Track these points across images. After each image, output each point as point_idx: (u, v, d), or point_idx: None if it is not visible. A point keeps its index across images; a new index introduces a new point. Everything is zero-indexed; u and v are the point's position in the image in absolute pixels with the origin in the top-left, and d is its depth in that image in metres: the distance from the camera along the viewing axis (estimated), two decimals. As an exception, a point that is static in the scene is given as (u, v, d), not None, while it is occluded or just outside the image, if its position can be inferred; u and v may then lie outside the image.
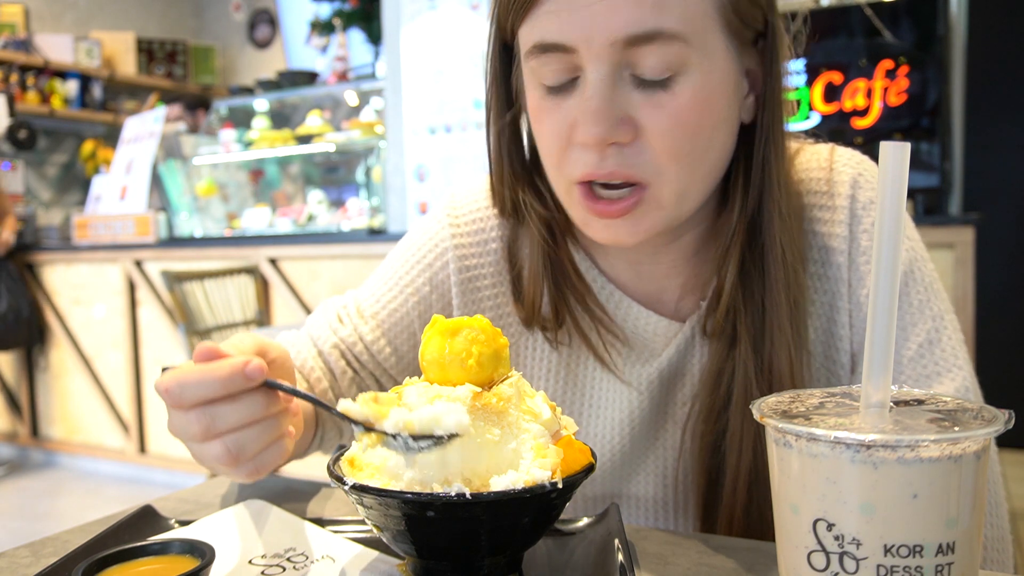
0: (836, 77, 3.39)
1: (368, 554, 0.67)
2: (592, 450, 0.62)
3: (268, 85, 4.89)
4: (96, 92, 6.48)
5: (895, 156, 0.45)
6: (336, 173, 5.17)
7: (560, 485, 0.55)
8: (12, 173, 5.68)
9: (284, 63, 6.63)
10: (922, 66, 3.29)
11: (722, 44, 0.75)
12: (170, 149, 4.73)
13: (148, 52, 7.02)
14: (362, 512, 0.59)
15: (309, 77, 4.87)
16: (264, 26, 7.35)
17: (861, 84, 3.35)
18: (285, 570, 0.64)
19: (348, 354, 0.94)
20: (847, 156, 0.89)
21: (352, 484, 0.56)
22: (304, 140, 4.53)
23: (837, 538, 0.43)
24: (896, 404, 0.47)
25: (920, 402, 0.48)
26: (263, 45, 7.38)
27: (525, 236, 0.93)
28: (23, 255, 4.71)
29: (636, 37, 0.70)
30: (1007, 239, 4.19)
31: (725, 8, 0.73)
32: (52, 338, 4.69)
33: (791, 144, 0.90)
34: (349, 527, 0.74)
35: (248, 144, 4.73)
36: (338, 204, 4.61)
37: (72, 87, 6.31)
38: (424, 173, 3.82)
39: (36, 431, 4.87)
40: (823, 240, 0.85)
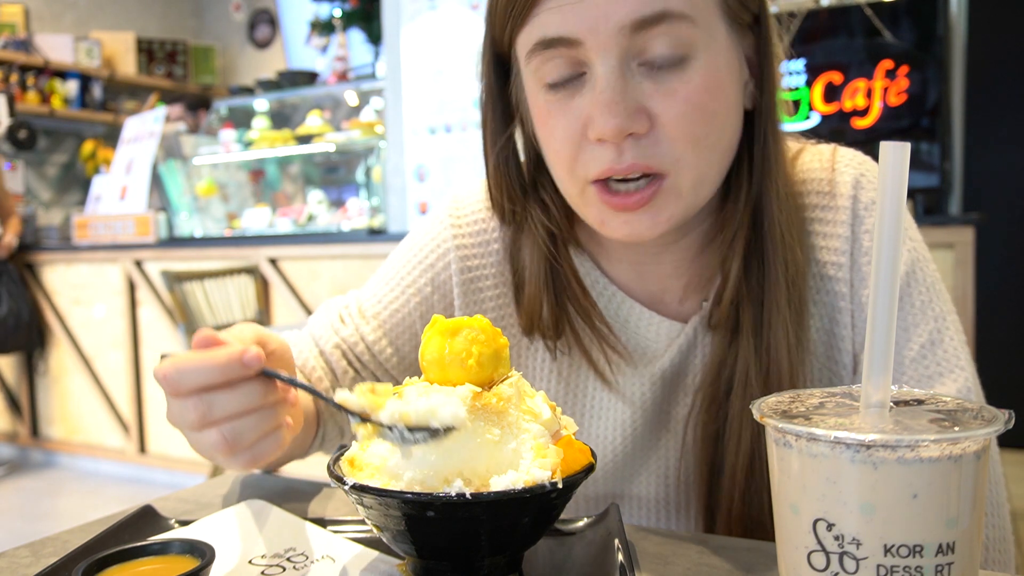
0: (836, 77, 3.39)
1: (368, 554, 0.67)
2: (592, 450, 0.62)
3: (268, 85, 4.89)
4: (96, 92, 6.48)
5: (895, 156, 0.45)
6: (336, 173, 5.17)
7: (560, 485, 0.55)
8: (12, 173, 5.68)
9: (284, 63, 6.63)
10: (922, 66, 3.29)
11: (723, 28, 0.75)
12: (170, 149, 4.73)
13: (148, 52, 7.02)
14: (362, 512, 0.59)
15: (309, 77, 4.87)
16: (264, 26, 7.35)
17: (861, 84, 3.35)
18: (285, 570, 0.64)
19: (350, 354, 0.94)
20: (849, 156, 0.89)
21: (352, 484, 0.56)
22: (304, 140, 4.53)
23: (837, 538, 0.43)
24: (896, 404, 0.47)
25: (920, 402, 0.48)
26: (263, 45, 7.38)
27: (525, 241, 0.93)
28: (23, 255, 4.71)
29: (643, 20, 0.70)
30: (1007, 239, 4.19)
31: None
32: (52, 338, 4.69)
33: (793, 144, 0.91)
34: (349, 527, 0.74)
35: (248, 144, 4.73)
36: (338, 204, 4.61)
37: (72, 87, 6.31)
38: (424, 173, 3.82)
39: (36, 431, 4.87)
40: (825, 240, 0.85)
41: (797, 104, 3.44)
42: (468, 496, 0.53)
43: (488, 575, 0.60)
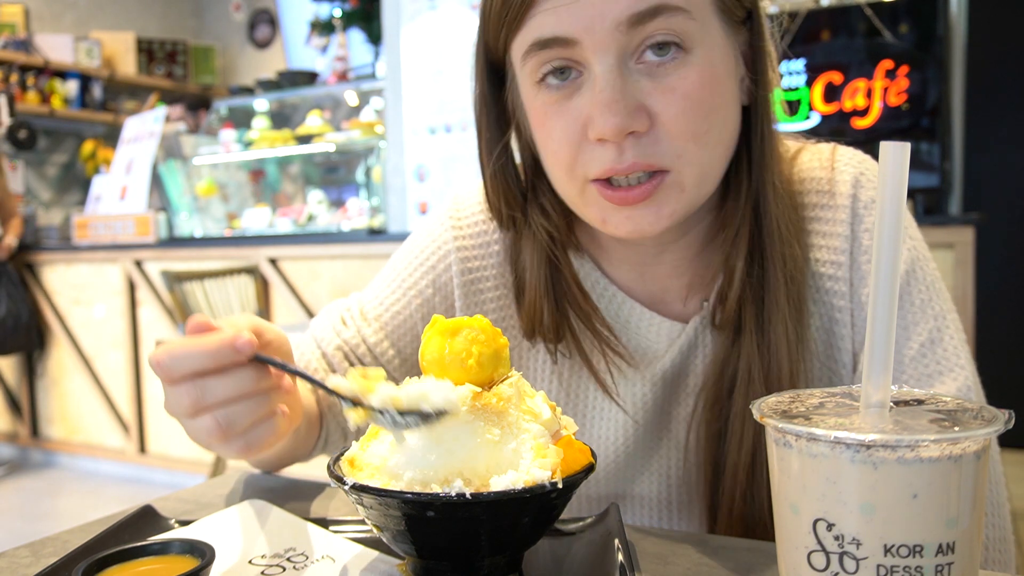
0: (836, 77, 3.39)
1: (368, 554, 0.67)
2: (592, 450, 0.62)
3: (268, 85, 4.89)
4: (96, 92, 6.48)
5: (895, 156, 0.45)
6: (336, 173, 5.17)
7: (560, 485, 0.55)
8: (12, 173, 5.68)
9: (284, 63, 6.63)
10: (922, 66, 3.29)
11: (717, 23, 0.75)
12: (170, 149, 4.73)
13: (148, 52, 7.02)
14: (362, 512, 0.59)
15: (309, 77, 4.87)
16: (264, 26, 7.35)
17: (861, 84, 3.35)
18: (285, 570, 0.64)
19: (351, 356, 0.94)
20: (849, 155, 0.88)
21: (352, 484, 0.56)
22: (304, 140, 4.53)
23: (837, 538, 0.43)
24: (896, 404, 0.47)
25: (920, 402, 0.48)
26: (263, 45, 7.38)
27: (525, 245, 0.93)
28: (23, 255, 4.71)
29: (639, 15, 0.70)
30: (1007, 239, 4.19)
31: None
32: (52, 338, 4.69)
33: (793, 144, 0.91)
34: (349, 527, 0.74)
35: (248, 144, 4.73)
36: (338, 204, 4.61)
37: (72, 87, 6.32)
38: (424, 173, 3.82)
39: (36, 431, 4.87)
40: (824, 240, 0.85)
41: (797, 104, 3.44)
42: (468, 496, 0.53)
43: (488, 575, 0.60)
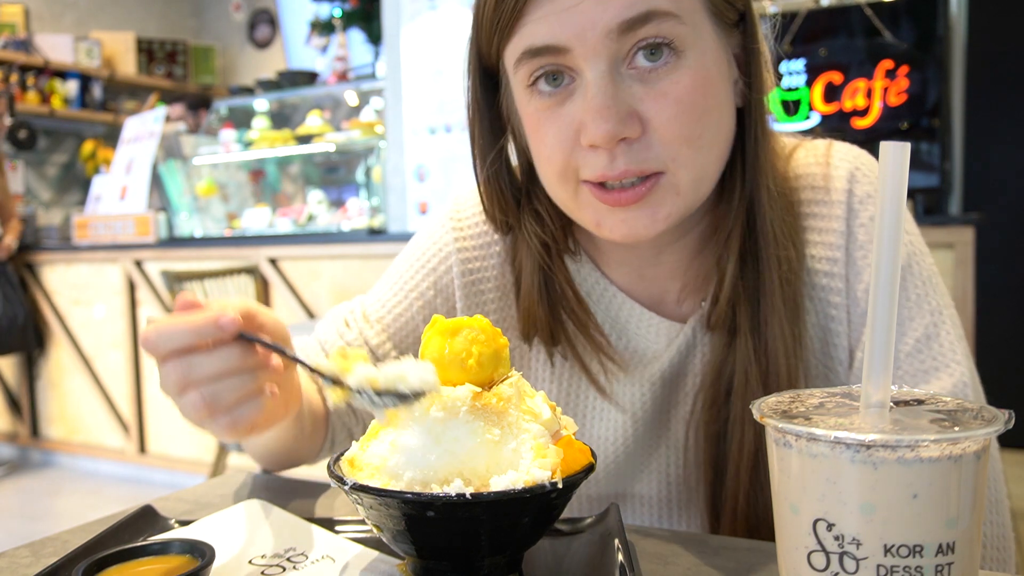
0: (836, 77, 3.39)
1: (368, 554, 0.67)
2: (592, 450, 0.62)
3: (268, 85, 4.89)
4: (96, 92, 6.48)
5: (895, 156, 0.45)
6: (336, 173, 5.16)
7: (560, 485, 0.55)
8: (12, 173, 5.68)
9: (284, 63, 6.63)
10: (922, 66, 3.29)
11: (709, 26, 0.75)
12: (170, 149, 4.73)
13: (148, 52, 7.02)
14: (362, 512, 0.59)
15: (309, 77, 4.87)
16: (264, 26, 7.35)
17: (861, 84, 3.35)
18: (285, 570, 0.64)
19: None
20: (844, 151, 0.88)
21: (352, 484, 0.56)
22: (304, 140, 4.53)
23: (837, 538, 0.43)
24: (896, 404, 0.47)
25: (920, 402, 0.48)
26: (263, 45, 7.38)
27: (520, 250, 0.93)
28: (23, 255, 4.71)
29: (630, 22, 0.70)
30: (1007, 239, 4.19)
31: None
32: (52, 338, 4.69)
33: (790, 141, 0.90)
34: (349, 527, 0.74)
35: (248, 144, 4.73)
36: (338, 204, 4.60)
37: (72, 87, 6.32)
38: (424, 173, 3.82)
39: (36, 431, 4.87)
40: (820, 236, 0.85)
41: (797, 104, 3.44)
42: (468, 496, 0.53)
43: (488, 575, 0.60)
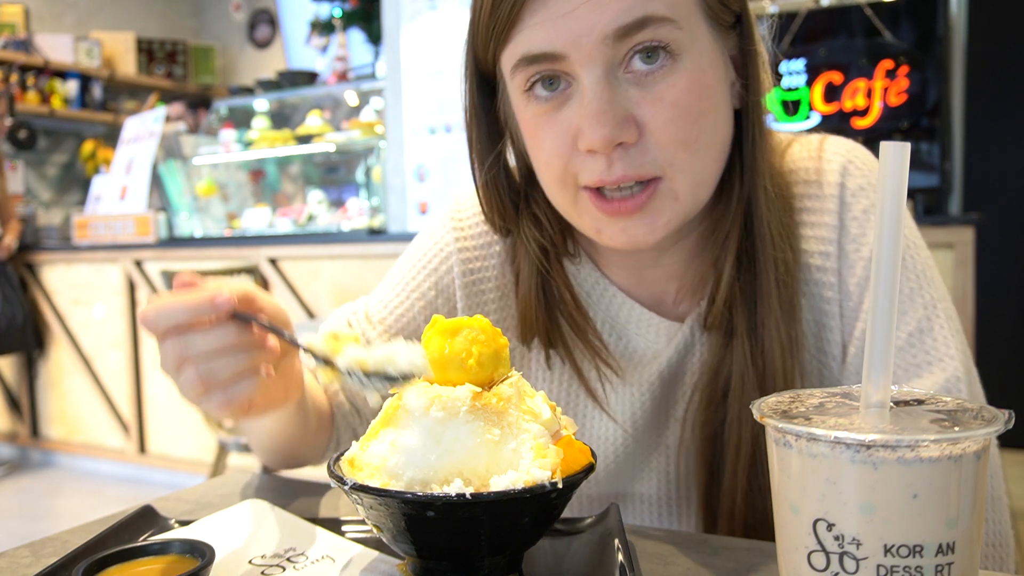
0: (836, 77, 3.39)
1: (368, 554, 0.67)
2: (592, 450, 0.62)
3: (268, 85, 4.89)
4: (96, 92, 6.48)
5: (895, 156, 0.45)
6: (336, 173, 5.16)
7: (560, 485, 0.55)
8: (12, 173, 5.68)
9: (284, 63, 6.63)
10: (922, 66, 3.29)
11: (705, 29, 0.75)
12: (170, 149, 4.73)
13: (148, 52, 7.02)
14: (362, 512, 0.59)
15: (309, 77, 4.87)
16: (264, 26, 7.35)
17: (861, 84, 3.35)
18: (285, 570, 0.64)
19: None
20: (837, 144, 0.88)
21: (352, 484, 0.56)
22: (304, 140, 4.53)
23: (837, 538, 0.43)
24: (896, 404, 0.47)
25: (920, 402, 0.48)
26: (263, 45, 7.38)
27: (519, 252, 0.93)
28: (23, 255, 4.70)
29: (626, 27, 0.70)
30: (1007, 239, 4.19)
31: None
32: (52, 338, 4.69)
33: (785, 138, 0.90)
34: (349, 527, 0.74)
35: (248, 144, 4.73)
36: (338, 204, 4.60)
37: (72, 87, 6.31)
38: (424, 173, 3.82)
39: (36, 431, 4.87)
40: (812, 230, 0.85)
41: (797, 104, 3.44)
42: (468, 496, 0.53)
43: (488, 575, 0.60)
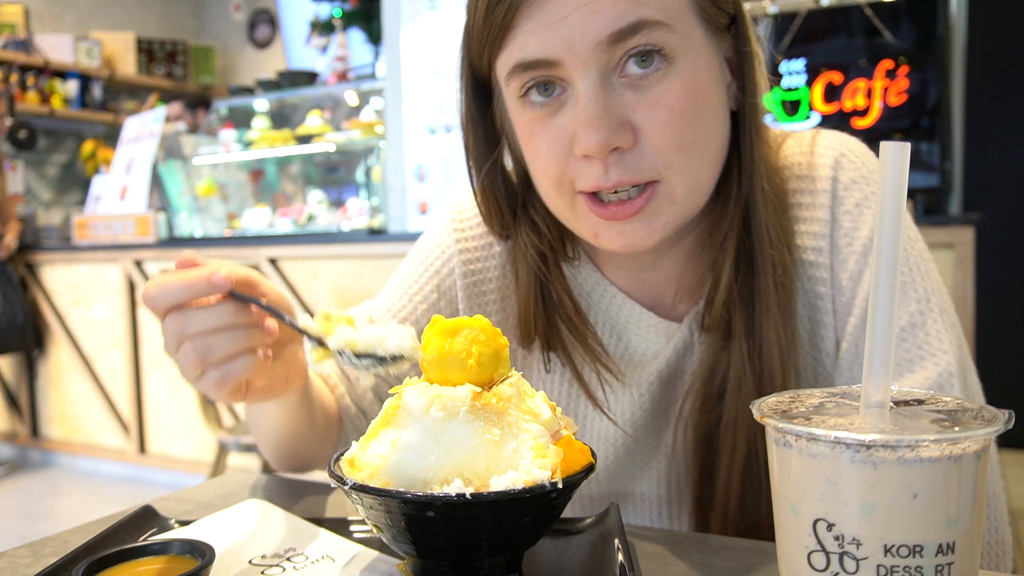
0: (836, 77, 3.39)
1: (368, 554, 0.67)
2: (592, 450, 0.62)
3: (268, 85, 4.89)
4: (96, 92, 6.48)
5: (895, 156, 0.45)
6: (336, 173, 5.16)
7: (560, 485, 0.55)
8: (12, 173, 5.68)
9: (284, 63, 6.63)
10: (922, 66, 3.29)
11: (700, 32, 0.75)
12: (170, 149, 4.73)
13: (148, 52, 7.02)
14: (362, 512, 0.59)
15: (309, 77, 4.87)
16: (264, 26, 7.35)
17: (861, 84, 3.35)
18: (285, 570, 0.64)
19: (370, 381, 0.96)
20: (830, 138, 0.88)
21: (352, 484, 0.56)
22: (304, 140, 4.53)
23: (837, 538, 0.43)
24: (896, 404, 0.47)
25: (920, 402, 0.48)
26: (263, 45, 7.38)
27: (517, 257, 0.93)
28: (23, 255, 4.70)
29: (620, 32, 0.70)
30: (1007, 239, 4.19)
31: None
32: (52, 338, 4.69)
33: (780, 133, 0.90)
34: (349, 527, 0.74)
35: (248, 144, 4.73)
36: (338, 204, 4.60)
37: (72, 87, 6.31)
38: (424, 173, 3.82)
39: (36, 431, 4.87)
40: (805, 226, 0.85)
41: (797, 104, 3.44)
42: (468, 496, 0.53)
43: (488, 575, 0.60)
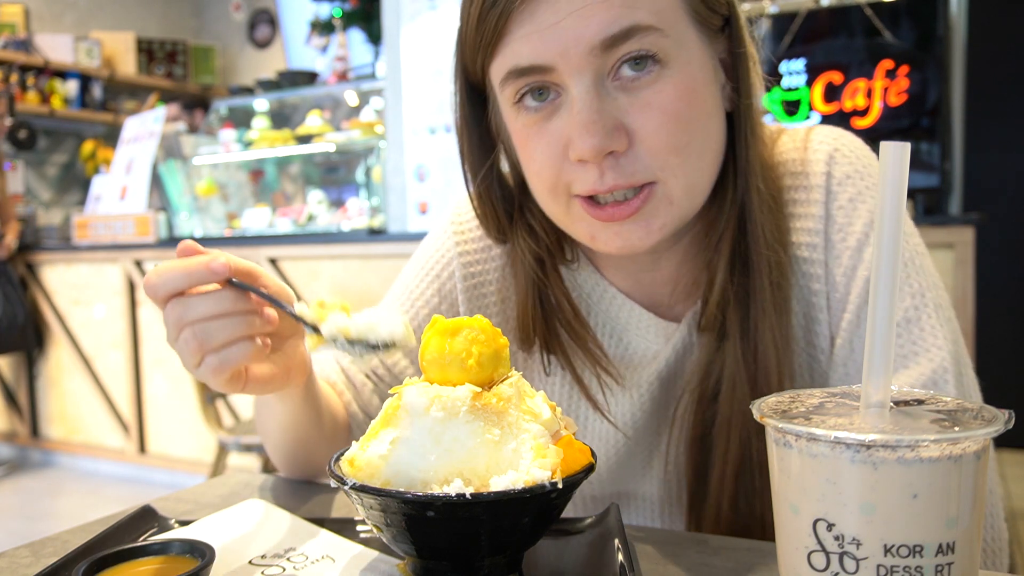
0: (836, 77, 3.39)
1: (368, 554, 0.67)
2: (592, 450, 0.62)
3: (268, 85, 4.89)
4: (96, 92, 6.47)
5: (895, 156, 0.45)
6: (336, 173, 5.16)
7: (560, 485, 0.55)
8: (12, 173, 5.67)
9: (284, 63, 6.63)
10: (922, 66, 3.29)
11: (694, 34, 0.75)
12: (170, 149, 4.73)
13: (148, 52, 7.02)
14: (362, 512, 0.59)
15: (309, 77, 4.87)
16: (264, 26, 7.35)
17: (861, 84, 3.35)
18: (285, 570, 0.64)
19: (366, 368, 0.97)
20: (824, 133, 0.88)
21: (352, 484, 0.56)
22: (304, 140, 4.53)
23: (837, 538, 0.43)
24: (896, 404, 0.47)
25: (920, 402, 0.48)
26: (263, 45, 7.38)
27: (515, 262, 0.93)
28: (23, 255, 4.70)
29: (613, 38, 0.70)
30: (1007, 239, 4.19)
31: None
32: (52, 338, 4.69)
33: (775, 129, 0.90)
34: (350, 527, 0.74)
35: (248, 144, 4.73)
36: (338, 204, 4.60)
37: (72, 87, 6.31)
38: (424, 173, 3.82)
39: (36, 431, 4.87)
40: (800, 222, 0.85)
41: (797, 104, 3.44)
42: (468, 496, 0.53)
43: (488, 575, 0.60)
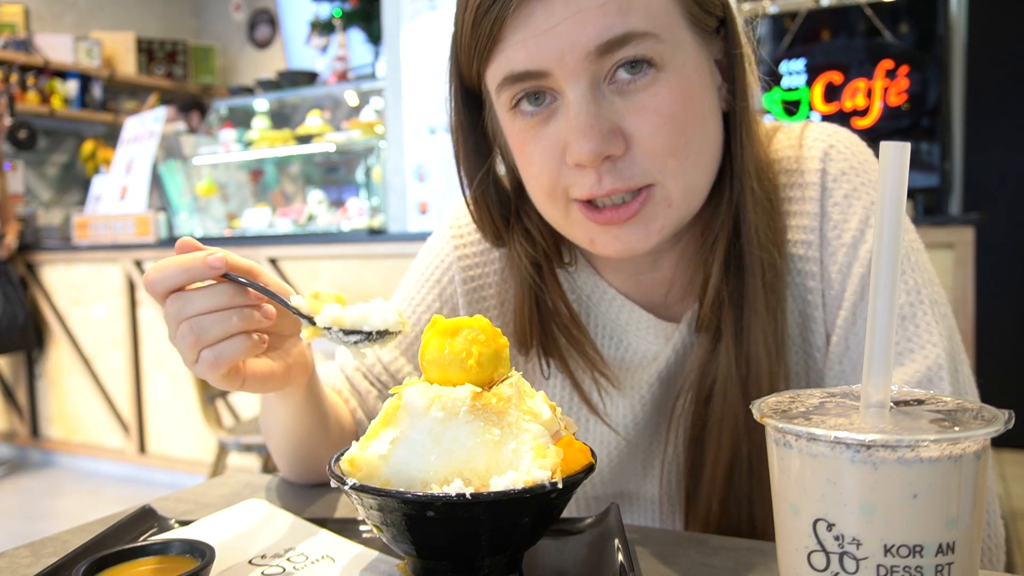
0: (836, 77, 3.39)
1: (368, 554, 0.67)
2: (592, 450, 0.62)
3: (268, 85, 4.89)
4: (96, 92, 6.47)
5: (895, 156, 0.45)
6: (336, 173, 5.16)
7: (560, 485, 0.55)
8: (12, 173, 5.67)
9: (284, 63, 6.63)
10: (922, 66, 3.29)
11: (689, 37, 0.75)
12: (170, 149, 4.73)
13: (148, 52, 7.02)
14: (362, 512, 0.59)
15: (309, 77, 4.87)
16: (264, 26, 7.35)
17: (861, 84, 3.35)
18: (285, 570, 0.64)
19: (370, 375, 0.98)
20: (819, 130, 0.87)
21: (352, 484, 0.56)
22: (304, 140, 4.53)
23: (837, 538, 0.43)
24: (896, 404, 0.47)
25: (920, 402, 0.48)
26: (263, 45, 7.38)
27: (511, 266, 0.93)
28: (23, 255, 4.70)
29: (608, 43, 0.70)
30: (1007, 239, 4.19)
31: (686, 0, 0.74)
32: (52, 338, 4.69)
33: (771, 127, 0.90)
34: (349, 527, 0.74)
35: (248, 144, 4.73)
36: (338, 204, 4.61)
37: (72, 87, 6.31)
38: (424, 173, 3.82)
39: (36, 431, 4.87)
40: (795, 220, 0.84)
41: (797, 104, 3.44)
42: (468, 496, 0.53)
43: (488, 575, 0.60)
